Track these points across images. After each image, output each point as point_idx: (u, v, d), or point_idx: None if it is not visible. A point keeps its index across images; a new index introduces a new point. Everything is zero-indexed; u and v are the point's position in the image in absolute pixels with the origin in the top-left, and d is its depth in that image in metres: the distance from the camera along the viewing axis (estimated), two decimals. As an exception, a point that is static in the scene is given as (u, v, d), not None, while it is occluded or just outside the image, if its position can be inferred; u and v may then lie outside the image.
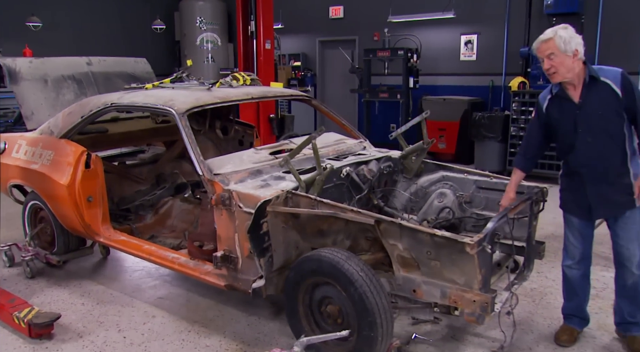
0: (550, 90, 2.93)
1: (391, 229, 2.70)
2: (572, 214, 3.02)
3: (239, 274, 3.11)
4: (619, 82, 2.75)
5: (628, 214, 2.88)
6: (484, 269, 2.59)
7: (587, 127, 2.81)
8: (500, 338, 3.08)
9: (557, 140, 3.00)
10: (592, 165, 2.84)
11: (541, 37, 2.80)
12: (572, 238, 3.05)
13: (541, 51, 2.78)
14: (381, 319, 2.56)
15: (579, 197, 2.94)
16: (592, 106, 2.79)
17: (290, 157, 3.03)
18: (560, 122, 2.90)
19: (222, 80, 4.03)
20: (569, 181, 3.00)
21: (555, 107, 2.91)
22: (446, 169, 3.83)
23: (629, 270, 2.95)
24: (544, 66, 2.80)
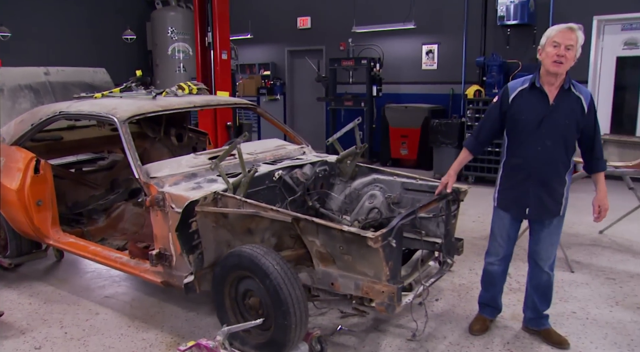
0: (525, 83, 2.96)
1: (309, 226, 2.93)
2: (508, 212, 3.12)
3: (173, 271, 3.32)
4: (588, 100, 2.92)
5: (555, 221, 3.10)
6: (391, 262, 2.82)
7: (551, 130, 2.90)
8: (419, 329, 3.32)
9: (513, 134, 3.02)
10: (541, 168, 2.95)
11: (569, 24, 2.81)
12: (499, 238, 3.21)
13: (564, 38, 2.77)
14: (294, 308, 2.78)
15: (520, 195, 3.04)
16: (561, 112, 2.89)
17: (218, 161, 3.25)
18: (527, 116, 2.93)
19: (168, 90, 4.24)
20: (512, 178, 3.06)
21: (524, 100, 2.95)
22: (377, 172, 4.06)
23: (543, 270, 3.18)
24: (557, 51, 2.76)
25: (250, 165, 3.65)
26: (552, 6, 8.38)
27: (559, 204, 3.04)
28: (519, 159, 3.01)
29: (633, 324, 3.46)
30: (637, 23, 7.91)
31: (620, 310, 3.67)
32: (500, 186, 3.15)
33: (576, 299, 3.86)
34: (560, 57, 2.76)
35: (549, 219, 3.08)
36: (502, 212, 3.16)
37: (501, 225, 3.18)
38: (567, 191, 3.04)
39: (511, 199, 3.10)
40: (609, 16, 8.02)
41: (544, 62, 2.86)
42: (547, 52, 2.82)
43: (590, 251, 4.90)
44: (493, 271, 3.29)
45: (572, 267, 4.43)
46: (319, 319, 3.56)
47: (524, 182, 3.01)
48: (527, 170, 2.99)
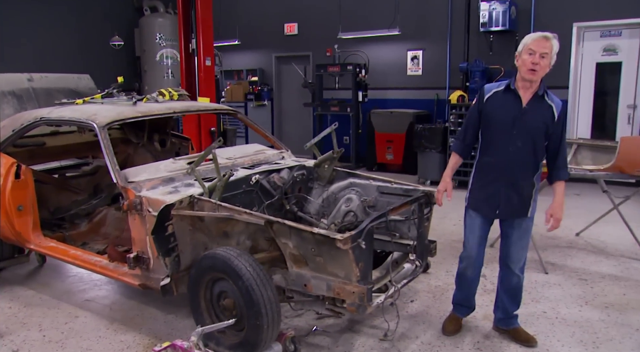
0: (501, 85, 3.06)
1: (281, 229, 3.00)
2: (480, 212, 3.19)
3: (150, 273, 3.38)
4: (559, 109, 3.00)
5: (524, 224, 3.17)
6: (361, 263, 2.90)
7: (522, 132, 2.98)
8: (391, 329, 3.40)
9: (486, 133, 3.11)
10: (511, 168, 3.03)
11: (544, 34, 2.90)
12: (471, 239, 3.27)
13: (539, 46, 2.86)
14: (266, 309, 2.84)
15: (491, 195, 3.11)
16: (532, 116, 2.98)
17: (194, 166, 3.32)
18: (501, 115, 3.02)
19: (149, 96, 4.31)
20: (483, 178, 3.14)
21: (498, 100, 3.04)
22: (354, 176, 4.15)
23: (514, 272, 3.25)
24: (532, 59, 2.85)
25: (227, 169, 3.72)
26: (534, 13, 8.54)
27: (527, 205, 3.11)
28: (491, 158, 3.09)
29: (600, 323, 3.55)
30: (615, 30, 8.07)
31: (589, 309, 3.77)
32: (472, 185, 3.23)
33: (548, 300, 3.95)
34: (535, 65, 2.85)
35: (519, 221, 3.15)
36: (473, 212, 3.23)
37: (473, 225, 3.24)
38: (536, 193, 3.13)
39: (482, 199, 3.17)
40: (588, 23, 8.17)
41: (520, 68, 2.95)
42: (523, 60, 2.91)
43: (565, 252, 5.01)
44: (467, 274, 3.36)
45: (546, 269, 4.52)
46: (295, 320, 3.63)
47: (494, 182, 3.08)
48: (498, 170, 3.06)
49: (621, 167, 4.48)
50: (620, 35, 8.10)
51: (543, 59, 2.86)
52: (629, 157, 4.36)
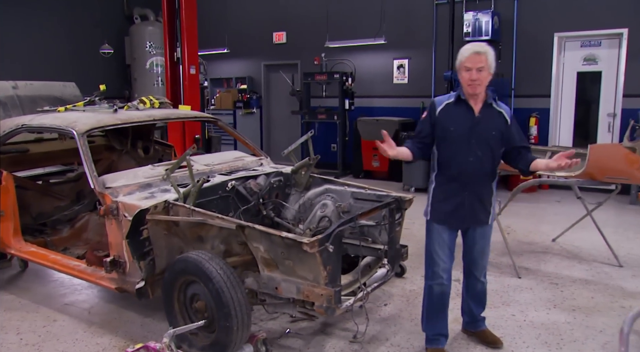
0: (451, 97, 3.06)
1: (253, 233, 3.09)
2: (446, 225, 3.13)
3: (127, 277, 3.46)
4: (510, 114, 3.08)
5: (485, 230, 3.18)
6: (329, 266, 2.98)
7: (480, 141, 3.00)
8: (368, 332, 3.49)
9: (444, 146, 3.05)
10: (474, 178, 3.04)
11: (475, 48, 2.91)
12: (442, 254, 3.14)
13: (474, 62, 2.88)
14: (236, 311, 2.93)
15: (456, 207, 3.08)
16: (487, 124, 3.01)
17: (169, 172, 3.41)
18: (457, 128, 3.00)
19: (130, 104, 4.40)
20: (446, 190, 3.09)
21: (451, 113, 3.03)
22: (330, 182, 4.24)
23: (479, 279, 3.29)
24: (470, 76, 2.89)
25: (204, 175, 3.82)
26: (516, 23, 8.71)
27: (488, 213, 3.15)
28: (453, 170, 3.06)
29: (566, 325, 3.65)
30: (595, 40, 8.24)
31: (557, 312, 3.87)
32: (433, 198, 3.16)
33: (518, 303, 4.05)
34: (474, 80, 2.89)
35: (481, 230, 3.17)
36: (439, 225, 3.15)
37: (441, 240, 3.15)
38: (494, 200, 3.20)
39: (448, 212, 3.11)
40: (569, 33, 8.35)
41: (462, 84, 2.99)
42: (462, 76, 2.95)
43: (540, 257, 5.11)
44: (443, 292, 3.21)
45: (520, 273, 4.62)
46: (269, 323, 3.71)
47: (458, 193, 3.06)
48: (461, 182, 3.05)
49: (592, 174, 4.59)
50: (599, 46, 8.27)
51: (481, 72, 2.88)
52: (598, 164, 4.47)
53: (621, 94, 8.01)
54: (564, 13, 8.31)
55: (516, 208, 6.66)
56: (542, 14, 8.49)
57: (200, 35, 11.73)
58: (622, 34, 7.88)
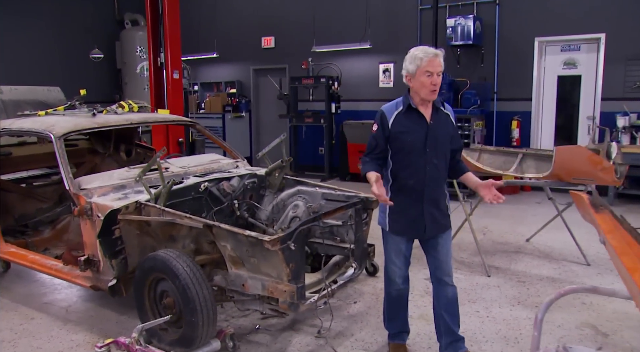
0: (399, 106, 2.95)
1: (220, 232, 3.22)
2: (405, 236, 3.07)
3: (101, 275, 3.58)
4: (454, 115, 3.06)
5: (448, 234, 3.13)
6: (292, 264, 3.11)
7: (434, 148, 2.93)
8: (333, 328, 3.61)
9: (399, 156, 2.94)
10: (431, 186, 2.97)
11: (434, 50, 2.82)
12: (398, 263, 3.13)
13: (435, 65, 2.79)
14: (201, 306, 3.05)
15: (415, 218, 2.99)
16: (439, 130, 2.95)
17: (141, 174, 3.54)
18: (411, 137, 2.91)
19: (109, 108, 4.53)
20: (403, 201, 2.97)
21: (404, 123, 2.92)
22: (302, 183, 4.37)
23: (449, 284, 3.13)
24: (432, 81, 2.79)
25: (178, 177, 3.96)
26: (498, 28, 8.87)
27: (447, 217, 3.10)
28: (409, 180, 2.96)
29: (527, 320, 3.78)
30: (574, 44, 8.40)
31: (520, 309, 4.00)
32: (391, 209, 3.03)
33: (484, 300, 4.17)
34: (435, 85, 2.82)
35: (443, 234, 3.10)
36: (398, 237, 3.08)
37: (398, 250, 3.11)
38: (449, 202, 3.17)
39: (406, 223, 3.03)
40: (549, 38, 8.50)
41: (420, 91, 2.85)
42: (422, 82, 2.82)
43: (512, 257, 5.24)
44: (400, 296, 3.27)
45: (489, 272, 4.75)
46: (240, 320, 3.83)
47: (417, 204, 2.98)
48: (418, 191, 2.96)
49: (559, 175, 4.73)
50: (579, 50, 8.42)
51: (439, 77, 2.83)
52: (564, 165, 4.61)
53: (599, 97, 8.16)
54: (544, 18, 8.46)
55: (496, 209, 6.80)
56: (523, 19, 8.65)
57: (190, 40, 11.94)
58: (600, 38, 8.04)
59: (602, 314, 3.87)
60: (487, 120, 8.86)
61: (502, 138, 8.85)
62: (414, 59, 2.85)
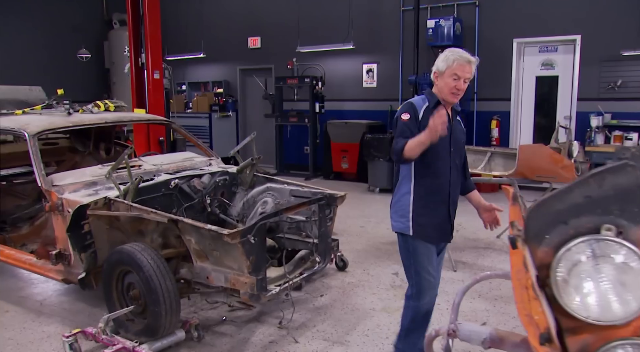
0: (425, 101, 2.83)
1: (185, 226, 3.35)
2: (432, 241, 2.86)
3: (72, 268, 3.71)
4: (463, 123, 3.03)
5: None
6: (252, 257, 3.24)
7: (456, 149, 2.88)
8: (297, 320, 3.75)
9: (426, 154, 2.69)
10: (453, 188, 2.87)
11: (468, 56, 2.74)
12: (432, 270, 2.87)
13: (465, 71, 2.71)
14: (164, 297, 3.18)
15: (441, 221, 2.86)
16: (457, 132, 2.91)
17: (111, 171, 3.66)
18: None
19: (84, 107, 4.65)
20: (429, 203, 2.82)
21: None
22: (271, 181, 4.51)
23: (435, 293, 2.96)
24: (457, 85, 2.70)
25: (150, 174, 4.10)
26: (477, 29, 9.03)
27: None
28: (435, 180, 2.83)
29: (484, 312, 3.93)
30: (552, 46, 8.57)
31: (480, 301, 4.15)
32: (414, 212, 2.81)
33: (446, 294, 4.31)
34: (459, 90, 2.74)
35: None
36: (425, 243, 2.83)
37: (429, 257, 2.85)
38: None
39: (433, 226, 2.84)
40: (527, 39, 8.67)
41: (442, 90, 2.76)
42: (447, 83, 2.73)
43: (480, 253, 5.39)
44: (430, 310, 2.98)
45: (456, 267, 4.90)
46: (209, 312, 3.96)
47: (441, 206, 2.84)
48: (442, 192, 2.83)
49: (523, 173, 4.89)
50: (556, 51, 8.60)
51: (465, 83, 2.74)
52: (528, 163, 4.77)
53: (576, 97, 8.33)
54: (522, 20, 8.63)
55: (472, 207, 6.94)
56: (502, 21, 8.81)
57: (178, 40, 12.06)
58: (575, 40, 8.21)
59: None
60: (467, 119, 9.02)
61: (482, 137, 9.00)
62: (446, 59, 2.76)
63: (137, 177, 3.63)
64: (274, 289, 3.44)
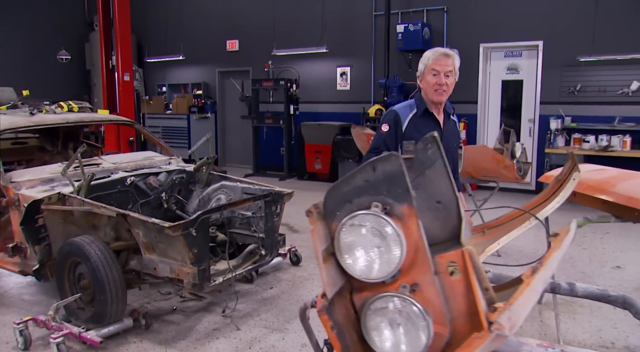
0: (413, 108, 2.78)
1: (133, 220, 3.56)
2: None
3: (28, 261, 3.91)
4: (458, 122, 3.01)
5: None
6: (195, 249, 3.46)
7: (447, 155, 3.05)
8: (242, 310, 3.97)
9: None
10: None
11: (443, 50, 2.68)
12: None
13: (442, 64, 2.64)
14: (110, 286, 3.39)
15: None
16: (450, 137, 2.84)
17: (65, 168, 3.87)
18: None
19: (48, 108, 4.85)
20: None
21: (418, 126, 2.74)
22: (226, 179, 4.72)
23: None
24: (437, 80, 2.64)
25: (107, 172, 4.31)
26: (446, 34, 9.29)
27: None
28: None
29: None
30: (517, 51, 8.85)
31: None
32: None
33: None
34: (442, 85, 2.66)
35: None
36: None
37: None
38: None
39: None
40: (493, 44, 8.94)
41: (427, 91, 2.73)
42: (428, 81, 2.70)
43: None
44: None
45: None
46: (161, 303, 4.17)
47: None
48: None
49: (470, 173, 5.13)
50: (521, 56, 8.88)
51: (448, 78, 2.66)
52: (473, 163, 5.01)
53: (538, 101, 8.61)
54: (488, 25, 8.90)
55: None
56: (469, 26, 9.08)
57: (159, 43, 12.26)
58: (538, 45, 8.49)
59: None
60: (435, 122, 9.26)
61: (450, 139, 9.24)
62: (423, 59, 2.75)
63: (89, 174, 3.83)
64: (218, 280, 3.66)
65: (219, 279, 3.67)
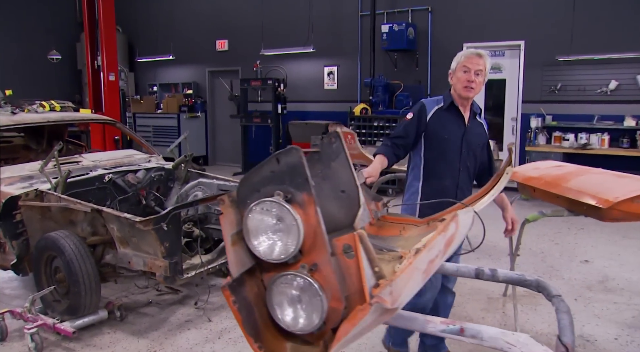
0: (440, 102, 2.88)
1: (108, 215, 3.69)
2: None
3: (7, 255, 4.03)
4: (487, 127, 3.02)
5: None
6: (167, 242, 3.58)
7: (469, 152, 2.86)
8: (215, 302, 4.10)
9: (435, 153, 2.84)
10: (461, 190, 2.86)
11: (477, 50, 2.82)
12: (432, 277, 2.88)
13: (473, 63, 2.75)
14: (84, 278, 3.52)
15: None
16: (474, 134, 2.90)
17: (43, 165, 4.00)
18: (450, 135, 2.84)
19: (30, 108, 4.97)
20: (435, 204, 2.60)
21: (443, 119, 2.84)
22: (203, 176, 4.85)
23: (451, 290, 3.10)
24: (467, 77, 2.74)
25: (86, 169, 4.43)
26: (430, 34, 9.43)
27: None
28: (442, 181, 2.87)
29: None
30: (500, 50, 8.98)
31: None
32: (421, 212, 2.75)
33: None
34: (471, 82, 2.75)
35: None
36: None
37: None
38: None
39: None
40: (476, 43, 9.00)
41: (456, 86, 2.83)
42: (458, 77, 2.80)
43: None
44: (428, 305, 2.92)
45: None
46: (138, 296, 4.30)
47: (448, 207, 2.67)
48: (449, 194, 2.80)
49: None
50: (503, 56, 9.01)
51: (478, 76, 2.76)
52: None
53: (520, 100, 8.76)
54: (472, 25, 9.04)
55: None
56: (453, 26, 9.22)
57: (149, 43, 12.39)
58: (520, 45, 8.63)
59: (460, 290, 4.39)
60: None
61: (434, 138, 9.38)
62: (456, 57, 2.86)
63: (66, 171, 3.96)
64: (189, 273, 3.79)
65: (191, 273, 3.80)
